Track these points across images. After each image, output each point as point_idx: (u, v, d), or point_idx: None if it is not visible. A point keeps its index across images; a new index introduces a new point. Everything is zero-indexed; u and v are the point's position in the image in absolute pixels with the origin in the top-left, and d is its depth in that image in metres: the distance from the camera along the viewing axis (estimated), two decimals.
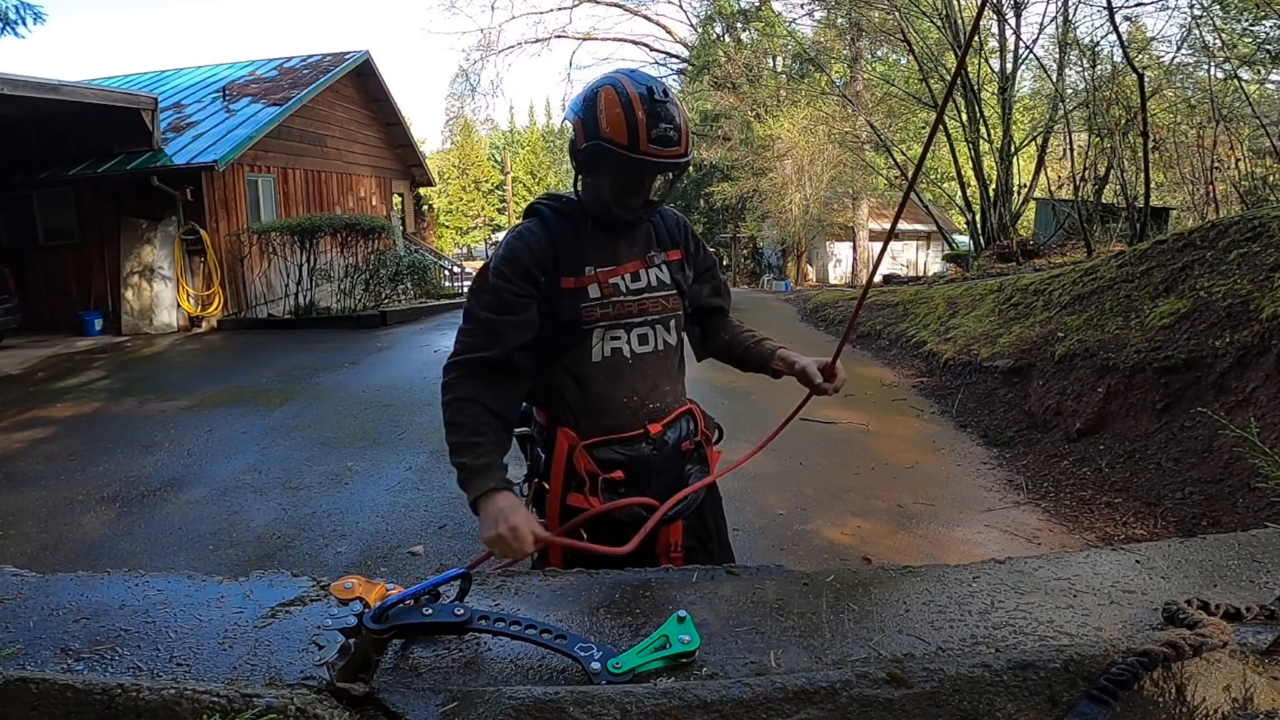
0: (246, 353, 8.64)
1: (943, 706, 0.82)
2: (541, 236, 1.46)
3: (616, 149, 1.35)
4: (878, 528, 3.54)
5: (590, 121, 1.38)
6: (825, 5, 16.96)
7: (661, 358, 1.51)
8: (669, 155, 1.37)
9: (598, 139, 1.37)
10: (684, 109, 1.42)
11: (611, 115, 1.35)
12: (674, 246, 1.56)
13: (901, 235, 22.56)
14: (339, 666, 0.92)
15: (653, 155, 1.36)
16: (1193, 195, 8.76)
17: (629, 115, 1.34)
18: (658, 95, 1.36)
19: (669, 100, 1.37)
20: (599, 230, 1.48)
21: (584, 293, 1.45)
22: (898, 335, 7.64)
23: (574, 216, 1.49)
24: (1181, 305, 4.44)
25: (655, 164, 1.38)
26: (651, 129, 1.34)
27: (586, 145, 1.39)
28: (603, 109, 1.37)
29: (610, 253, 1.48)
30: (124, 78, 14.40)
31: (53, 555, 3.44)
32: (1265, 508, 2.91)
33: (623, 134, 1.35)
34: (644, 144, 1.35)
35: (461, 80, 28.07)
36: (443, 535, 3.56)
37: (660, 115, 1.35)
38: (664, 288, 1.51)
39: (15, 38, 7.27)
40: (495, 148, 45.30)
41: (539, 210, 1.52)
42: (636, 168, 1.38)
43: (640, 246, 1.52)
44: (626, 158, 1.35)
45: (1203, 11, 8.31)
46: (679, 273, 1.55)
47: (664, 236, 1.55)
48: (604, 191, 1.44)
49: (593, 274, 1.46)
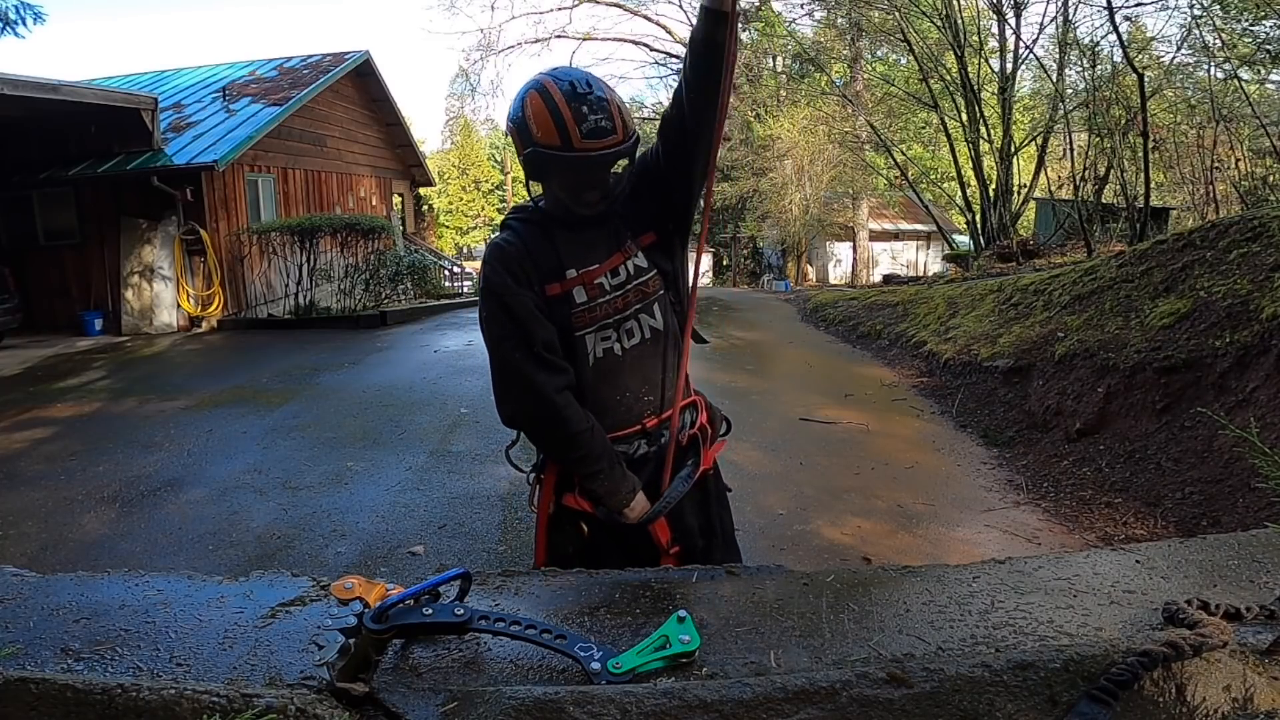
0: (246, 353, 8.64)
1: (943, 706, 0.82)
2: (518, 245, 1.45)
3: (552, 152, 1.34)
4: (878, 528, 3.54)
5: (523, 128, 1.37)
6: (825, 5, 16.96)
7: (650, 345, 1.49)
8: (606, 147, 1.35)
9: (533, 145, 1.36)
10: (615, 94, 1.38)
11: (540, 119, 1.34)
12: (644, 230, 1.50)
13: (902, 235, 22.57)
14: (339, 666, 0.92)
15: (589, 150, 1.33)
16: (1193, 195, 8.76)
17: (556, 115, 1.32)
18: (580, 88, 1.34)
19: (593, 91, 1.34)
20: (569, 231, 1.46)
21: (570, 298, 1.43)
22: (898, 335, 7.64)
23: (541, 223, 1.47)
24: (1181, 305, 4.44)
25: (594, 158, 1.35)
26: (580, 124, 1.32)
27: (525, 152, 1.38)
28: (531, 114, 1.35)
29: (588, 251, 1.46)
30: (124, 78, 14.39)
31: (53, 555, 3.44)
32: (1265, 508, 2.91)
33: (554, 135, 1.33)
34: (577, 141, 1.33)
35: (461, 80, 28.09)
36: (443, 535, 3.56)
37: (588, 108, 1.33)
38: (642, 274, 1.48)
39: (15, 38, 7.27)
40: (495, 148, 45.26)
41: (509, 225, 1.51)
42: (578, 165, 1.36)
43: (614, 239, 1.48)
44: (564, 158, 1.34)
45: (1203, 11, 8.31)
46: (656, 254, 1.50)
47: (633, 219, 1.50)
48: (558, 194, 1.43)
49: (575, 276, 1.44)
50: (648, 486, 1.48)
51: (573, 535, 1.50)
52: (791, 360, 7.59)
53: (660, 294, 1.50)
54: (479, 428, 4.96)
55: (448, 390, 6.09)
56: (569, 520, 1.50)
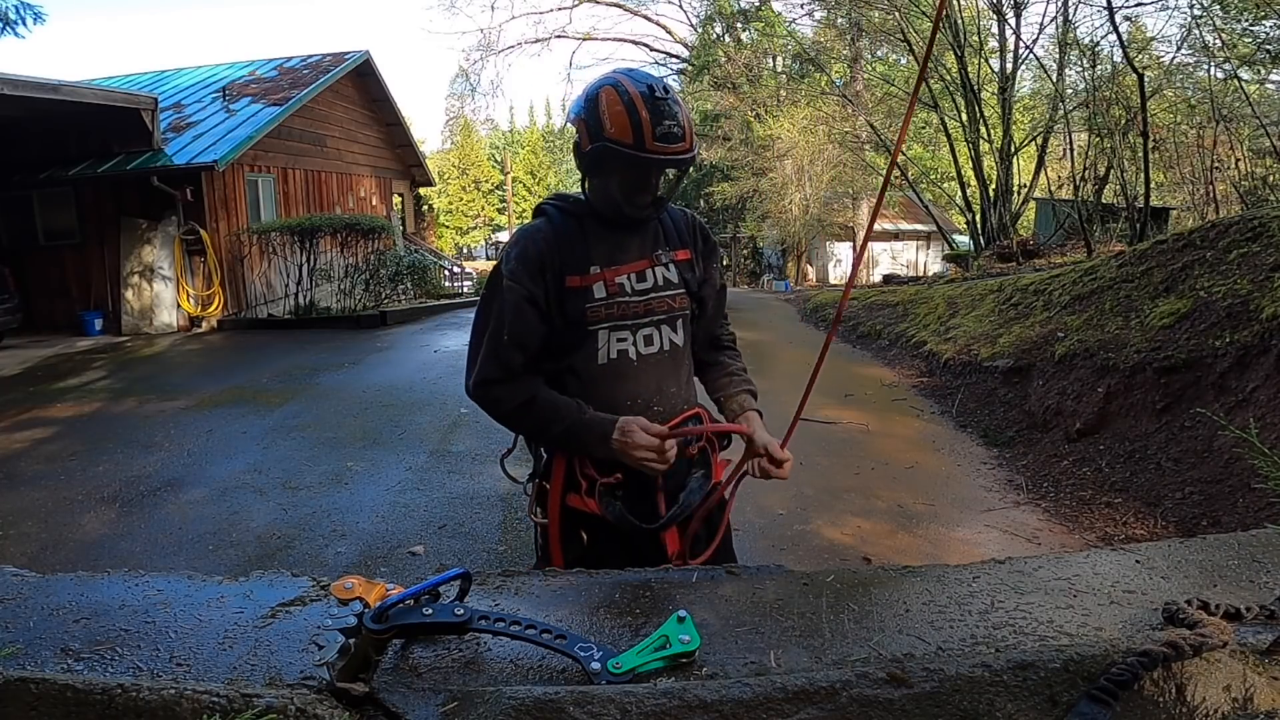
0: (246, 353, 8.64)
1: (943, 706, 0.82)
2: (548, 234, 1.47)
3: (623, 149, 1.35)
4: (878, 528, 3.54)
5: (594, 123, 1.38)
6: (825, 5, 16.98)
7: (667, 358, 1.50)
8: (675, 152, 1.37)
9: (603, 140, 1.37)
10: (686, 105, 1.42)
11: (615, 115, 1.35)
12: (683, 246, 1.54)
13: (902, 235, 22.57)
14: (339, 666, 0.92)
15: (659, 153, 1.36)
16: (1193, 195, 8.77)
17: (632, 114, 1.34)
18: (659, 93, 1.36)
19: (670, 97, 1.37)
20: (606, 229, 1.48)
21: (589, 292, 1.44)
22: (898, 335, 7.64)
23: (580, 216, 1.49)
24: (1181, 305, 4.44)
25: (662, 161, 1.38)
26: (656, 126, 1.34)
27: (592, 147, 1.39)
28: (605, 110, 1.37)
29: (617, 251, 1.47)
30: (124, 78, 14.40)
31: (53, 555, 3.44)
32: (1265, 508, 2.91)
33: (628, 133, 1.35)
34: (650, 142, 1.35)
35: (461, 80, 28.12)
36: (443, 535, 3.56)
37: (664, 112, 1.35)
38: (671, 287, 1.50)
39: (15, 38, 7.28)
40: (495, 148, 45.31)
41: (545, 210, 1.52)
42: (644, 166, 1.38)
43: (648, 245, 1.50)
44: (634, 157, 1.35)
45: (1203, 11, 8.31)
46: (688, 272, 1.53)
47: (673, 235, 1.54)
48: (613, 191, 1.44)
49: (598, 273, 1.45)
50: (652, 493, 1.48)
51: (575, 540, 1.50)
52: (791, 360, 7.58)
53: (685, 313, 1.52)
54: (479, 428, 4.96)
55: (448, 390, 6.09)
56: (573, 524, 1.50)
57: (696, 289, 1.55)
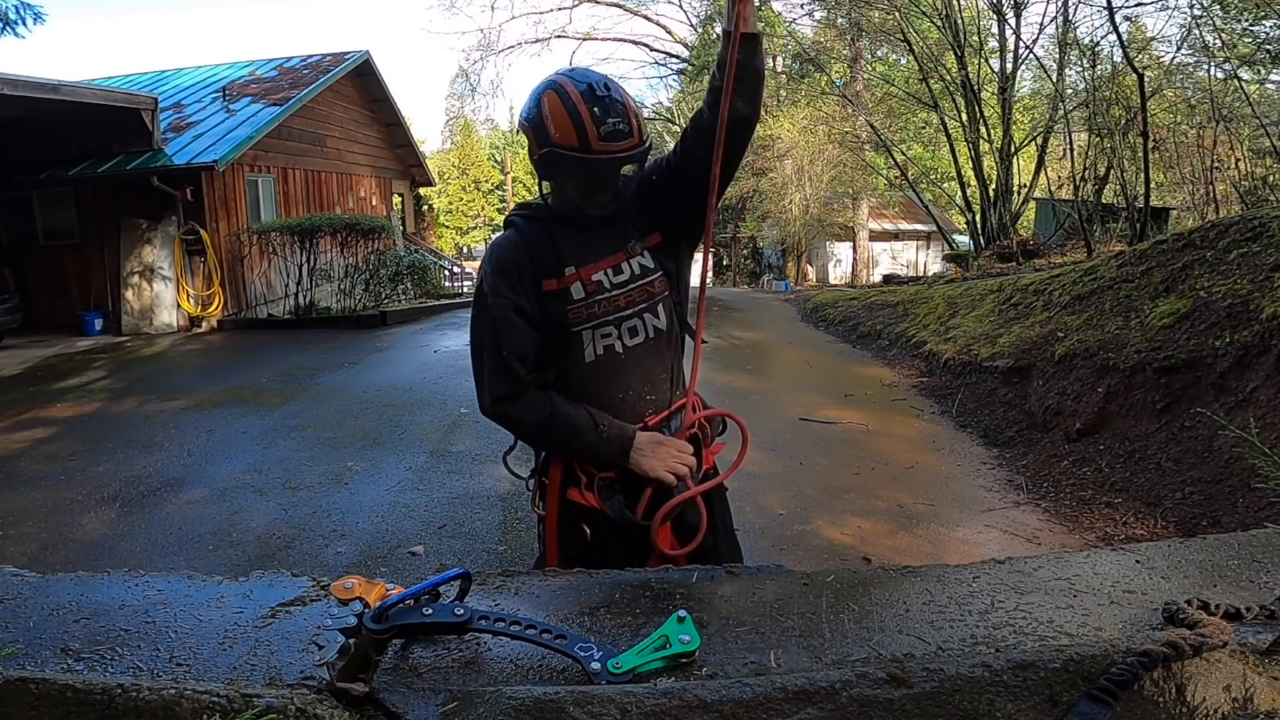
0: (246, 353, 8.64)
1: (943, 706, 0.82)
2: (518, 243, 1.46)
3: (570, 152, 1.34)
4: (878, 528, 3.54)
5: (540, 128, 1.37)
6: (825, 5, 16.96)
7: (653, 344, 1.50)
8: (623, 149, 1.36)
9: (550, 145, 1.36)
10: (630, 97, 1.40)
11: (558, 119, 1.34)
12: (651, 230, 1.51)
13: (902, 235, 22.57)
14: (339, 666, 0.92)
15: (606, 153, 1.34)
16: (1193, 195, 8.77)
17: (574, 117, 1.33)
18: (599, 91, 1.34)
19: (612, 94, 1.35)
20: (573, 230, 1.47)
21: (567, 294, 1.44)
22: (898, 335, 7.64)
23: (546, 220, 1.48)
24: (1181, 305, 4.44)
25: (610, 160, 1.36)
26: (600, 126, 1.33)
27: (541, 153, 1.39)
28: (549, 114, 1.35)
29: (588, 250, 1.46)
30: (124, 78, 14.40)
31: (53, 555, 3.44)
32: (1265, 508, 2.91)
33: (572, 136, 1.33)
34: (595, 143, 1.33)
35: (461, 80, 28.15)
36: (443, 535, 3.56)
37: (606, 110, 1.33)
38: (648, 274, 1.49)
39: (15, 38, 7.27)
40: (495, 148, 45.25)
41: (512, 221, 1.52)
42: (594, 167, 1.37)
43: (619, 239, 1.49)
44: (581, 159, 1.34)
45: (1203, 11, 8.31)
46: (662, 255, 1.51)
47: (639, 222, 1.51)
48: (570, 194, 1.44)
49: (573, 273, 1.44)
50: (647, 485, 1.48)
51: (576, 535, 1.50)
52: (791, 360, 7.59)
53: (665, 295, 1.51)
54: (479, 428, 4.96)
55: (448, 390, 6.09)
56: (574, 519, 1.51)
57: (676, 271, 1.52)
